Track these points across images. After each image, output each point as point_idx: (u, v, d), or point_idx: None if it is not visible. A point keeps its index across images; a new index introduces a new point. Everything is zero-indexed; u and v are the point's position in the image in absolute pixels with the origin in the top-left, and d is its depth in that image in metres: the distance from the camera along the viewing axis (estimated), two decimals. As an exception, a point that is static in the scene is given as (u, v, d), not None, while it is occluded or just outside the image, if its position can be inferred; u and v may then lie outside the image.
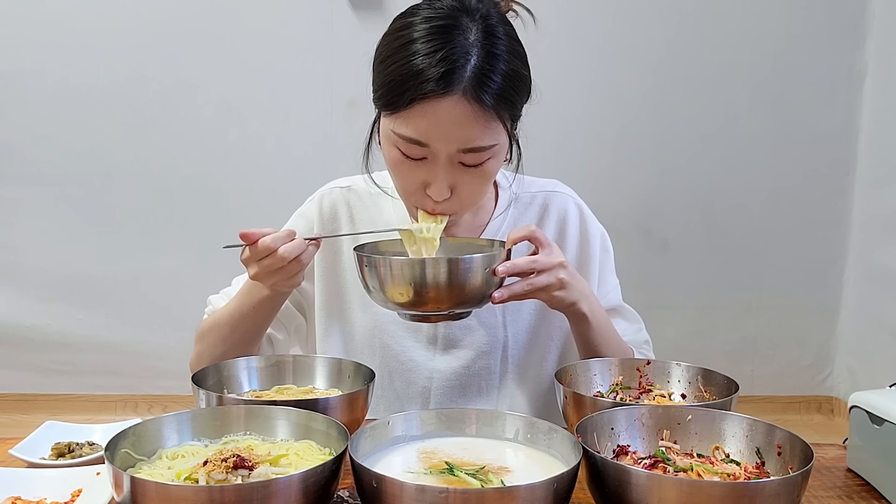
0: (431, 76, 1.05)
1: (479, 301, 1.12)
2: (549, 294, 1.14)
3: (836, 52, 3.25)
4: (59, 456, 1.07)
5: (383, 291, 1.10)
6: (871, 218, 3.27)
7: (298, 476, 0.78)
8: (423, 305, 1.09)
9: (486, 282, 1.09)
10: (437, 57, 1.06)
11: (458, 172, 1.13)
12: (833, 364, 3.47)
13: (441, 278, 1.06)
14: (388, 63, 1.10)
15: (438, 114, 1.07)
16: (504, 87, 1.09)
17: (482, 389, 1.33)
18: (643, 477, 0.80)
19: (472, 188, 1.16)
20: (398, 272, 1.07)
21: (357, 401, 1.05)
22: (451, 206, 1.16)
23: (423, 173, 1.13)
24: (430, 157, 1.11)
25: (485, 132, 1.09)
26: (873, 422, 1.03)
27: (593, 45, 3.19)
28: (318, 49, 3.12)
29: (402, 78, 1.07)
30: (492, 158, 1.13)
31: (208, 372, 1.13)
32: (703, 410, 0.98)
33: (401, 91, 1.08)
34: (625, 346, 1.30)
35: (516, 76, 1.11)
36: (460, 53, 1.06)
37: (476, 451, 0.95)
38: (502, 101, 1.09)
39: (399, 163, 1.14)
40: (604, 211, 1.44)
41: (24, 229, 3.19)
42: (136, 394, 3.27)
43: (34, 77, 3.10)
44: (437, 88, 1.05)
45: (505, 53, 1.10)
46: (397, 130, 1.11)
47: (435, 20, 1.09)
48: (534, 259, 1.13)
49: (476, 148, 1.10)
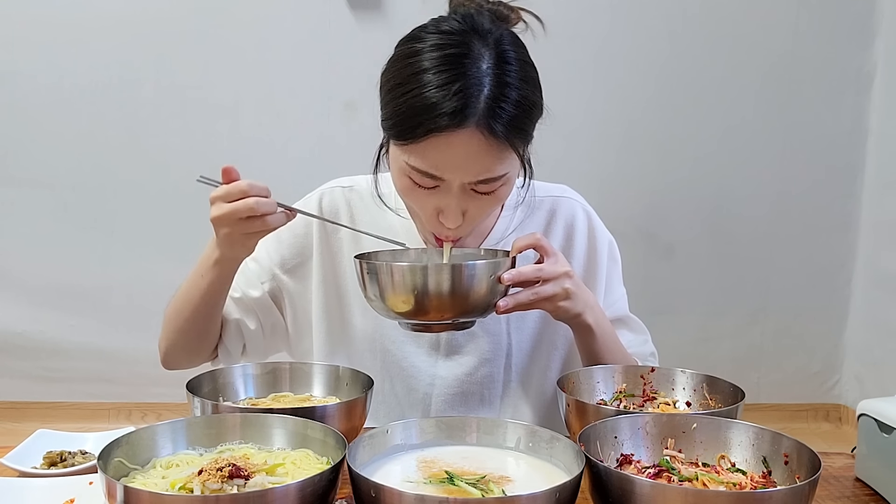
0: (446, 110, 1.04)
1: (484, 310, 1.10)
2: (554, 304, 1.13)
3: (844, 53, 3.23)
4: (51, 465, 1.06)
5: (384, 299, 1.08)
6: (880, 222, 3.26)
7: (295, 486, 0.77)
8: (425, 314, 1.07)
9: (491, 290, 1.08)
10: (452, 90, 1.04)
11: (470, 199, 1.12)
12: (841, 371, 3.45)
13: (444, 285, 1.05)
14: (398, 93, 1.08)
15: (453, 147, 1.06)
16: (516, 115, 1.07)
17: (484, 398, 1.32)
18: (647, 486, 0.79)
19: (484, 212, 1.16)
20: (399, 279, 1.06)
21: (355, 409, 1.04)
22: (463, 229, 1.16)
23: (435, 200, 1.13)
24: (443, 186, 1.11)
25: (498, 162, 1.09)
26: (882, 430, 1.02)
27: (597, 46, 3.18)
28: (316, 49, 3.09)
29: (415, 111, 1.05)
30: (504, 185, 1.13)
31: (203, 379, 1.12)
32: (709, 419, 0.97)
33: (414, 124, 1.06)
34: (630, 358, 1.28)
35: (528, 104, 1.09)
36: (474, 84, 1.05)
37: (477, 459, 0.95)
38: (514, 131, 1.08)
39: (410, 190, 1.14)
40: (607, 216, 1.43)
41: (15, 234, 3.16)
42: (129, 401, 3.26)
43: (25, 79, 3.08)
44: (452, 123, 1.04)
45: (517, 81, 1.08)
46: (410, 162, 1.10)
47: (447, 48, 1.07)
48: (539, 267, 1.12)
49: (489, 179, 1.10)
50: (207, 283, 1.20)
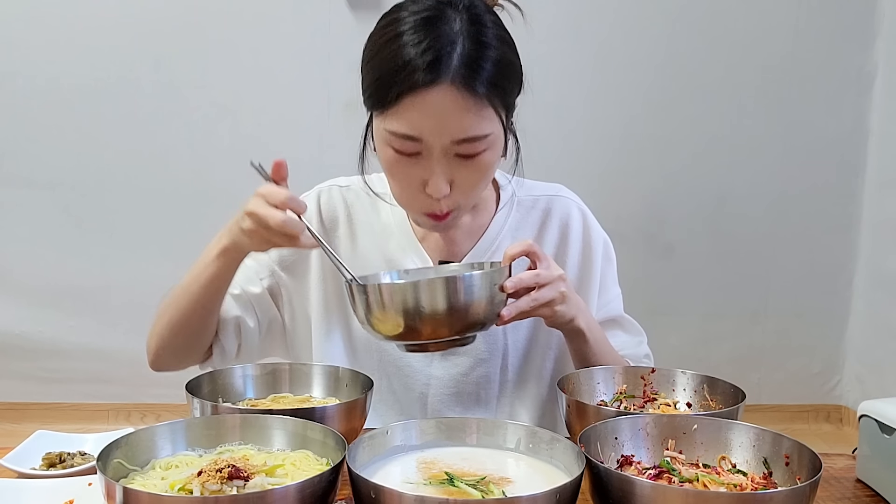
0: (418, 66, 1.05)
1: (484, 323, 1.06)
2: (551, 308, 1.13)
3: (844, 53, 3.22)
4: (50, 466, 1.06)
5: (374, 322, 1.04)
6: (881, 222, 3.25)
7: (295, 487, 0.77)
8: (423, 334, 1.02)
9: (491, 301, 1.04)
10: (422, 47, 1.05)
11: (454, 166, 1.11)
12: (842, 372, 3.44)
13: (441, 301, 1.00)
14: (375, 61, 1.10)
15: (428, 105, 1.06)
16: (494, 73, 1.08)
17: (480, 398, 1.31)
18: (648, 488, 0.79)
19: (471, 182, 1.14)
20: (389, 298, 1.01)
21: (355, 409, 1.04)
22: (451, 201, 1.14)
23: (419, 170, 1.11)
24: (425, 152, 1.10)
25: (477, 121, 1.08)
26: (883, 431, 1.02)
27: (595, 45, 3.17)
28: (316, 49, 3.09)
29: (388, 73, 1.07)
30: (488, 150, 1.12)
31: (203, 380, 1.11)
32: (709, 420, 0.97)
33: (388, 86, 1.06)
34: (622, 361, 1.28)
35: (506, 63, 1.10)
36: (446, 42, 1.06)
37: (477, 461, 0.94)
38: (493, 89, 1.08)
39: (394, 163, 1.13)
40: (606, 216, 1.42)
41: (14, 234, 3.15)
42: (128, 402, 3.24)
43: (24, 79, 3.06)
44: (425, 78, 1.05)
45: (493, 40, 1.09)
46: (389, 128, 1.09)
47: (420, 13, 1.08)
48: (537, 273, 1.11)
49: (470, 138, 1.09)
50: (210, 274, 1.17)
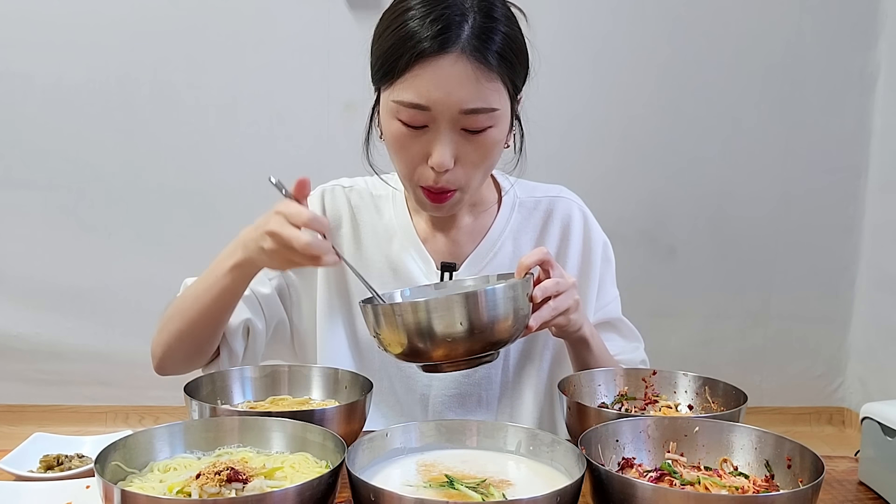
0: (428, 35, 1.06)
1: (513, 336, 1.03)
2: (567, 317, 1.12)
3: (847, 53, 3.22)
4: (48, 469, 1.05)
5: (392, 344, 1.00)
6: (884, 223, 3.25)
7: (294, 489, 0.77)
8: (449, 352, 0.99)
9: (518, 313, 1.01)
10: (432, 17, 1.07)
11: (460, 142, 1.11)
12: (844, 374, 3.44)
13: (476, 318, 0.96)
14: (384, 37, 1.11)
15: (438, 73, 1.07)
16: (504, 47, 1.09)
17: (482, 399, 1.31)
18: (649, 490, 0.79)
19: (474, 159, 1.14)
20: (411, 317, 0.97)
21: (354, 412, 1.03)
22: (453, 178, 1.13)
23: (424, 143, 1.12)
24: (432, 124, 1.10)
25: (486, 92, 1.09)
26: (886, 433, 1.02)
27: (597, 44, 3.17)
28: (315, 49, 3.09)
29: (399, 43, 1.08)
30: (493, 127, 1.12)
31: (201, 383, 1.11)
32: (711, 422, 0.96)
33: (398, 56, 1.08)
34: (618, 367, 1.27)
35: (515, 39, 1.12)
36: (456, 12, 1.08)
37: (477, 463, 0.94)
38: (503, 62, 1.09)
39: (400, 136, 1.13)
40: (608, 217, 1.42)
41: (12, 235, 3.14)
42: (126, 405, 3.24)
43: (22, 80, 3.06)
44: (435, 46, 1.06)
45: (503, 17, 1.11)
46: (397, 98, 1.10)
47: None
48: (557, 281, 1.11)
49: (478, 109, 1.09)
50: (222, 287, 1.15)
